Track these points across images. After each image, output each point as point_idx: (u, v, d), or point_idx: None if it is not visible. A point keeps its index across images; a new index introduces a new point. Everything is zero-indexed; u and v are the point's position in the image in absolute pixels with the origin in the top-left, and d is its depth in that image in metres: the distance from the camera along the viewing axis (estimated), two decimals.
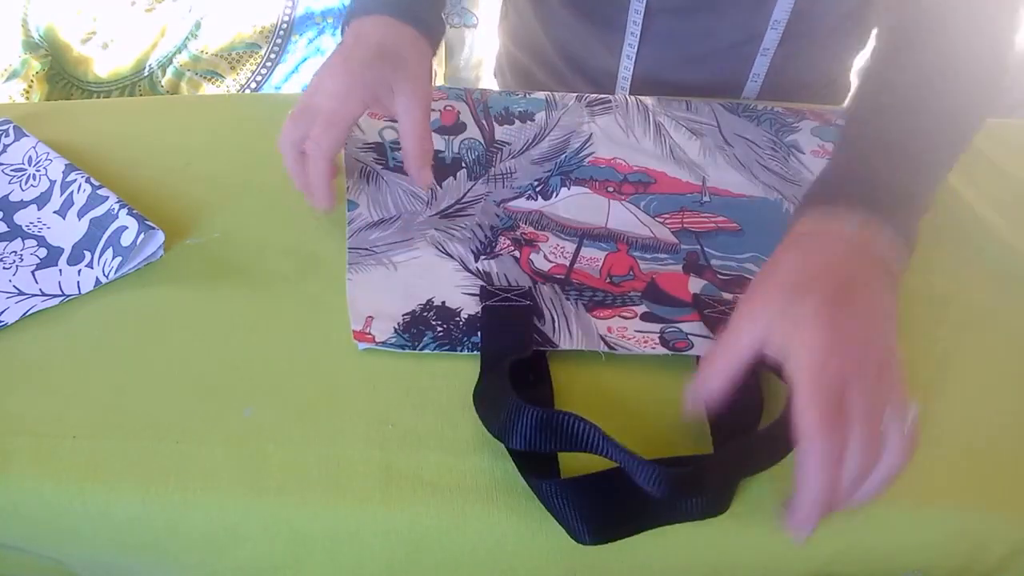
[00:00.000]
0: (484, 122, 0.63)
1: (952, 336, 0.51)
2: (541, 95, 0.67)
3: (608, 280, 0.53)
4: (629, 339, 0.49)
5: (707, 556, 0.43)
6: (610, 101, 0.66)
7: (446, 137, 0.62)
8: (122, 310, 0.51)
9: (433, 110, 0.62)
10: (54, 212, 0.57)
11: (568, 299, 0.52)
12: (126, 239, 0.53)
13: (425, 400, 0.46)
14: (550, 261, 0.54)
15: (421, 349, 0.48)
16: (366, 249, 0.54)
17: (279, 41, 1.48)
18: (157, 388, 0.46)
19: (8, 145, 0.62)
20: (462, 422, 0.45)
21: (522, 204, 0.58)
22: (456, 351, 0.48)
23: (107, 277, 0.52)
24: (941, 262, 0.56)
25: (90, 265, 0.53)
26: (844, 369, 0.36)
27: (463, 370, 0.47)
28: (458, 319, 0.50)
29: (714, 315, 0.51)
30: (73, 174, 0.58)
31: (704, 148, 0.63)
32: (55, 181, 0.58)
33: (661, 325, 0.50)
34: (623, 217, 0.58)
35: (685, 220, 0.58)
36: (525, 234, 0.56)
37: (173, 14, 1.42)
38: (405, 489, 0.42)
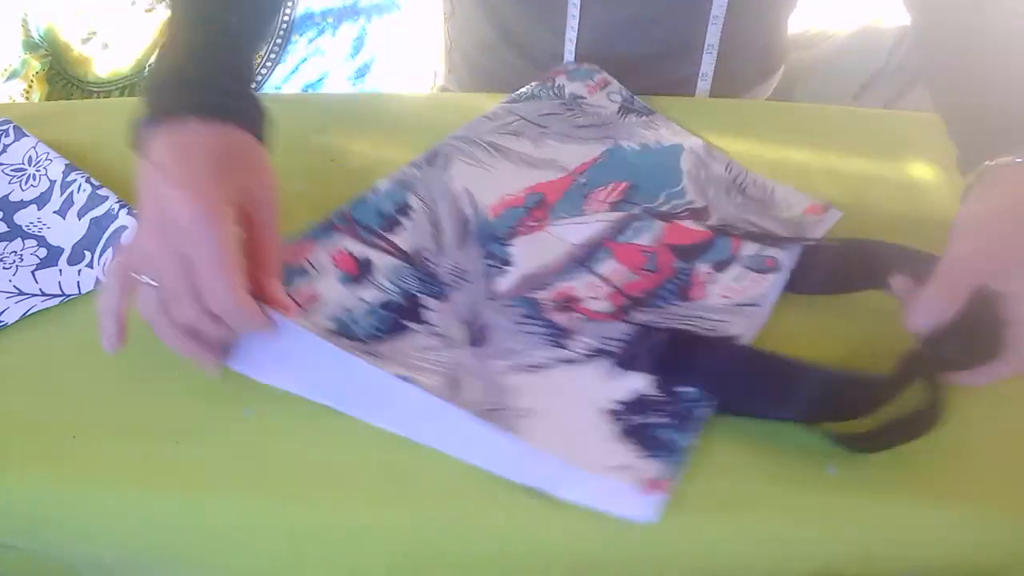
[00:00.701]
0: (376, 246, 0.53)
1: None
2: (394, 179, 0.57)
3: (647, 271, 0.53)
4: (736, 291, 0.51)
5: (707, 556, 0.42)
6: (436, 150, 0.60)
7: (361, 289, 0.50)
8: None
9: (315, 262, 0.51)
10: (54, 212, 0.57)
11: (662, 304, 0.51)
12: (126, 239, 0.53)
13: None
14: (600, 299, 0.51)
15: (687, 439, 0.43)
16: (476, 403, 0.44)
17: (279, 41, 1.48)
18: (157, 388, 0.46)
19: (8, 145, 0.62)
20: None
21: (507, 283, 0.52)
22: (697, 424, 0.44)
23: None
24: None
25: (90, 265, 0.53)
26: None
27: None
28: (663, 400, 0.45)
29: (748, 231, 0.55)
30: (73, 174, 0.58)
31: (530, 140, 0.62)
32: (55, 181, 0.58)
33: (734, 268, 0.52)
34: (566, 233, 0.55)
35: (597, 207, 0.57)
36: (550, 302, 0.51)
37: None
38: (405, 489, 0.42)
